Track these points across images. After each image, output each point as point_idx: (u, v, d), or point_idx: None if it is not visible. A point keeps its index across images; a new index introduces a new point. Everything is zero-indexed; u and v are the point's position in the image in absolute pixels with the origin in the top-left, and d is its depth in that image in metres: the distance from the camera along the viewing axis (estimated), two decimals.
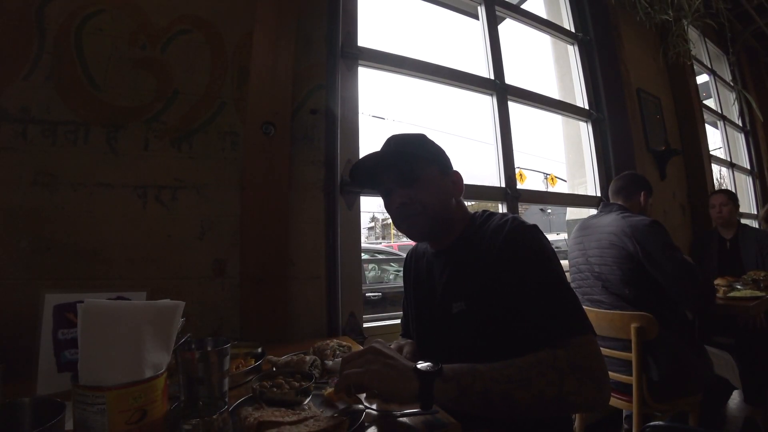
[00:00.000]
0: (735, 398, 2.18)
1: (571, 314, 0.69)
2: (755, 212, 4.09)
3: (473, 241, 0.85)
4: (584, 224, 1.77)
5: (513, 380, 0.62)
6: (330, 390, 0.72)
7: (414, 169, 0.86)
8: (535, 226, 0.80)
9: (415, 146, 0.90)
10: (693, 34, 3.61)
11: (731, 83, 4.22)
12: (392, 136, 0.92)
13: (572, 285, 1.70)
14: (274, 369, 0.83)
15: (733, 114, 4.32)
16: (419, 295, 0.98)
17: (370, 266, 6.00)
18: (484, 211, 0.92)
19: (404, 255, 1.15)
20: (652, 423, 0.79)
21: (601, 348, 1.49)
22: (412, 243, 1.09)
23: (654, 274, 1.48)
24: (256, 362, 0.89)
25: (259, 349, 0.96)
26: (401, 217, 0.87)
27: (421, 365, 0.63)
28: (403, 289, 1.12)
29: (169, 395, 0.57)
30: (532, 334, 0.68)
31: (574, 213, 2.89)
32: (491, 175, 2.13)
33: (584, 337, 0.67)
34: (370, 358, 0.64)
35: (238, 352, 0.95)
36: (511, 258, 0.75)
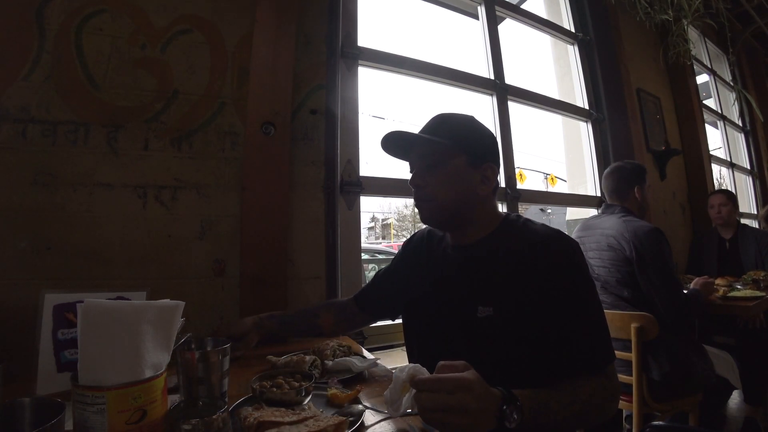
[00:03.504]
0: (735, 398, 2.18)
1: (608, 343, 0.74)
2: (755, 212, 4.09)
3: (508, 244, 0.81)
4: (585, 224, 1.77)
5: (577, 416, 0.66)
6: (333, 390, 0.72)
7: (433, 157, 0.83)
8: (578, 245, 0.79)
9: (450, 132, 0.84)
10: (693, 34, 3.61)
11: (731, 83, 4.22)
12: (438, 115, 0.89)
13: None
14: (274, 369, 0.83)
15: (733, 114, 4.32)
16: (431, 287, 0.90)
17: (370, 266, 6.00)
18: (519, 216, 0.89)
19: None
20: (652, 423, 0.79)
21: None
22: None
23: (639, 280, 1.48)
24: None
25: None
26: (415, 198, 0.87)
27: (507, 417, 0.56)
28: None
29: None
30: (572, 357, 0.71)
31: (574, 213, 2.89)
32: None
33: (612, 365, 0.74)
34: (454, 407, 0.53)
35: None
36: (559, 276, 0.74)
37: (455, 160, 0.83)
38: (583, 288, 0.75)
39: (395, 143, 0.88)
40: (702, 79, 3.98)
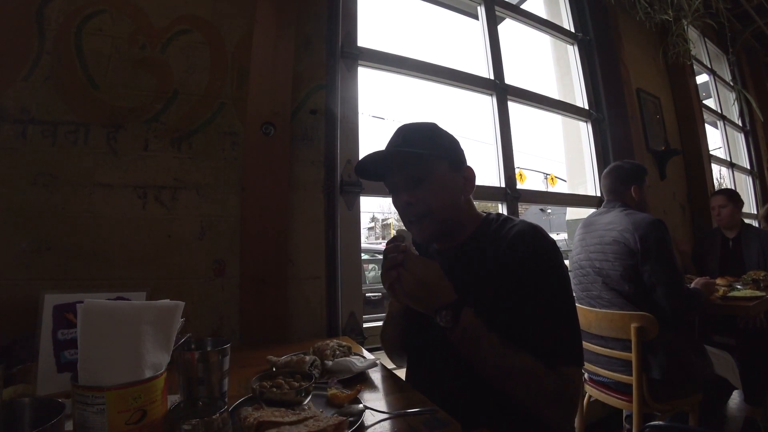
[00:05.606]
0: (735, 398, 2.18)
1: (568, 344, 0.73)
2: (755, 212, 4.09)
3: (486, 245, 0.82)
4: (587, 221, 1.77)
5: (501, 371, 0.70)
6: (333, 391, 0.72)
7: (420, 169, 0.82)
8: (554, 243, 0.78)
9: (424, 141, 0.84)
10: (693, 33, 3.61)
11: (731, 83, 4.22)
12: (402, 128, 0.86)
13: (573, 282, 1.69)
14: (274, 369, 0.83)
15: (733, 114, 4.32)
16: None
17: (370, 266, 6.01)
18: (499, 215, 0.89)
19: None
20: (652, 423, 0.79)
21: (601, 348, 1.51)
22: None
23: (643, 271, 1.49)
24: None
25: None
26: (408, 218, 0.85)
27: (441, 312, 0.72)
28: None
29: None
30: (530, 352, 0.71)
31: (574, 213, 2.89)
32: (491, 175, 2.13)
33: (572, 369, 0.72)
34: (408, 279, 0.73)
35: None
36: (527, 272, 0.74)
37: (440, 168, 0.83)
38: (548, 285, 0.74)
39: (374, 166, 0.86)
40: (702, 79, 3.98)
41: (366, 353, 1.05)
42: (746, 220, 2.57)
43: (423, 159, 0.82)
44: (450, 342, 0.73)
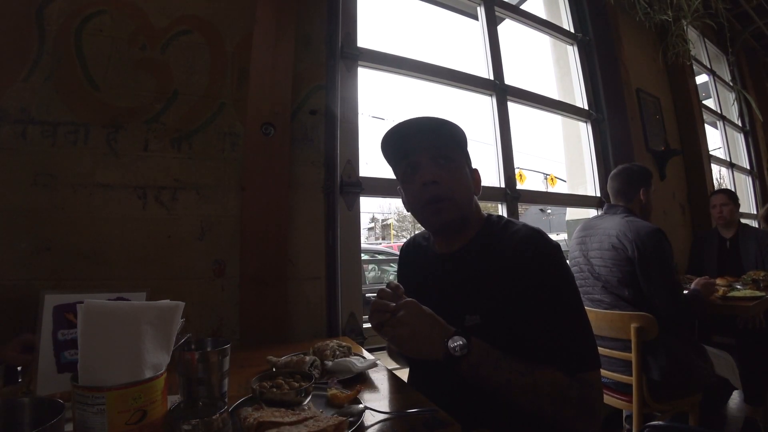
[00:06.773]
0: (735, 398, 2.18)
1: (586, 349, 0.72)
2: (755, 212, 4.10)
3: (490, 249, 0.80)
4: (587, 224, 1.77)
5: (524, 389, 0.67)
6: (333, 391, 0.72)
7: (450, 149, 0.80)
8: (559, 246, 0.77)
9: (452, 129, 0.82)
10: (692, 34, 3.61)
11: (731, 83, 4.22)
12: (427, 116, 0.83)
13: None
14: (274, 369, 0.83)
15: (733, 114, 4.32)
16: (421, 298, 0.92)
17: (370, 266, 6.01)
18: (501, 217, 0.87)
19: None
20: (652, 423, 0.79)
21: (601, 348, 1.51)
22: None
23: (640, 280, 1.49)
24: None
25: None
26: (426, 200, 0.79)
27: (452, 343, 0.67)
28: None
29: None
30: (548, 361, 0.70)
31: (573, 213, 2.89)
32: (491, 176, 2.13)
33: (593, 373, 0.71)
34: (403, 320, 0.69)
35: None
36: (537, 278, 0.73)
37: (461, 159, 0.84)
38: (561, 289, 0.74)
39: (404, 134, 0.82)
40: (701, 79, 3.99)
41: (366, 353, 1.05)
42: (746, 220, 2.58)
43: (453, 141, 0.82)
44: (466, 381, 0.69)
